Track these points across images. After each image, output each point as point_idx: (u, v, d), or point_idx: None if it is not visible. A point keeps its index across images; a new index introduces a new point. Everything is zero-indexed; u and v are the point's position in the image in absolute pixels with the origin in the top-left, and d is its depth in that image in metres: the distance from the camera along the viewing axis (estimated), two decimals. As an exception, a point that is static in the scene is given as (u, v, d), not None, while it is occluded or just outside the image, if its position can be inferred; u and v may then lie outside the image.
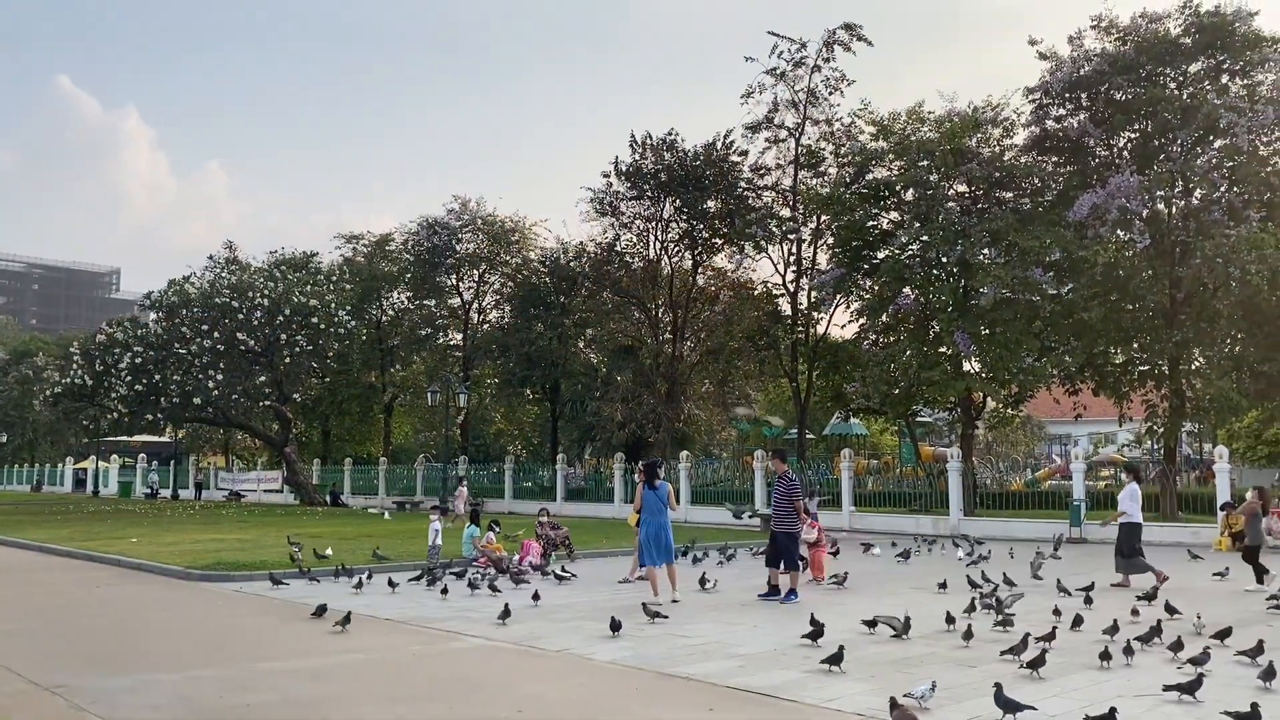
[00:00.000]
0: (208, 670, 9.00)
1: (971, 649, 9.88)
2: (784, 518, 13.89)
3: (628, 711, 7.50)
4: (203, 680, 8.57)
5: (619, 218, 39.19)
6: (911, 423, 37.87)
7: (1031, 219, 29.46)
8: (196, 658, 9.64)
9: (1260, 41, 27.25)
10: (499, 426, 56.24)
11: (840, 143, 36.17)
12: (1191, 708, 7.54)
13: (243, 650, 10.16)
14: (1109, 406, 31.94)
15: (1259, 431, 36.43)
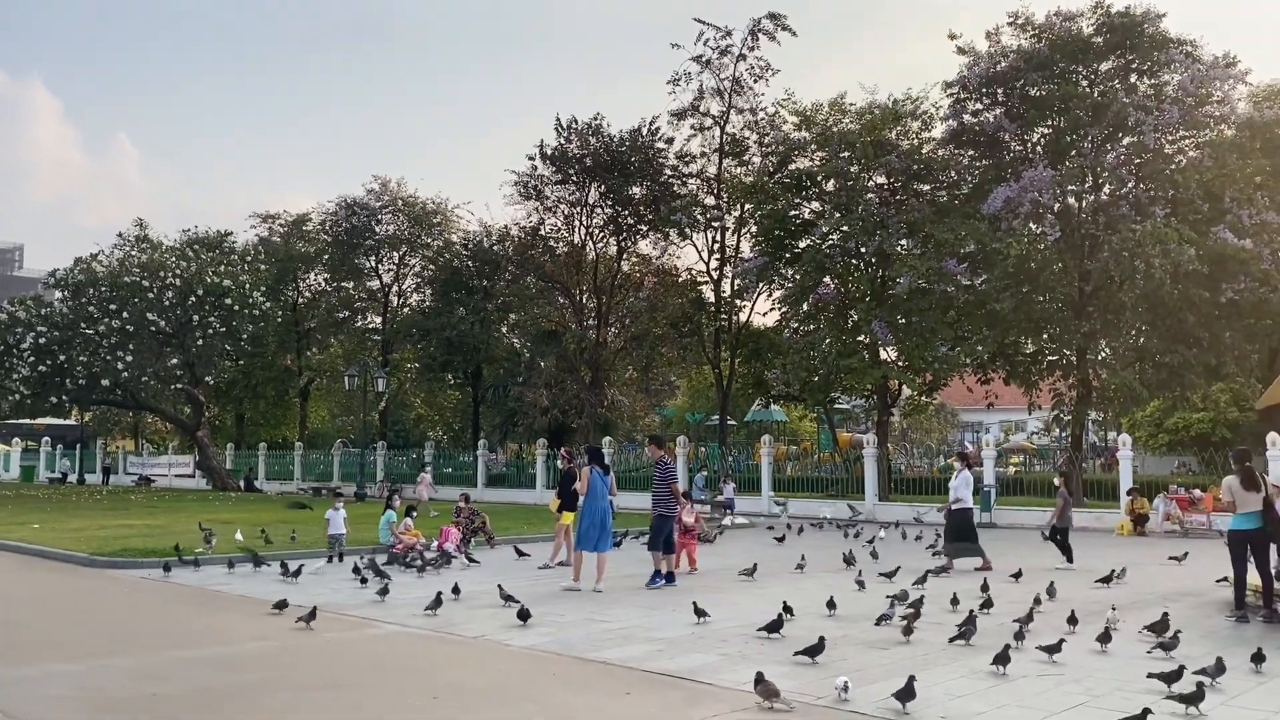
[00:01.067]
0: (113, 659, 8.75)
1: (885, 633, 10.09)
2: (661, 501, 13.96)
3: (544, 696, 7.50)
4: (108, 669, 8.33)
5: (543, 202, 39.00)
6: (830, 409, 38.47)
7: (948, 211, 30.11)
8: (102, 646, 9.36)
9: (1167, 43, 28.17)
10: (419, 412, 55.62)
11: (764, 132, 36.47)
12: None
13: (151, 638, 9.90)
14: (1019, 395, 32.85)
15: (1160, 420, 37.82)
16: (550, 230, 39.67)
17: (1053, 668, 8.34)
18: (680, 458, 32.61)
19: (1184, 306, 27.80)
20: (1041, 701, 7.22)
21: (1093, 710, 6.97)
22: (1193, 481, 26.93)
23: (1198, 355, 28.34)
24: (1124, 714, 6.80)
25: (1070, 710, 6.98)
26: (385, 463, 42.54)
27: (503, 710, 7.09)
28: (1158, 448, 38.49)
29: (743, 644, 9.40)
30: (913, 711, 6.92)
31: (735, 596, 12.71)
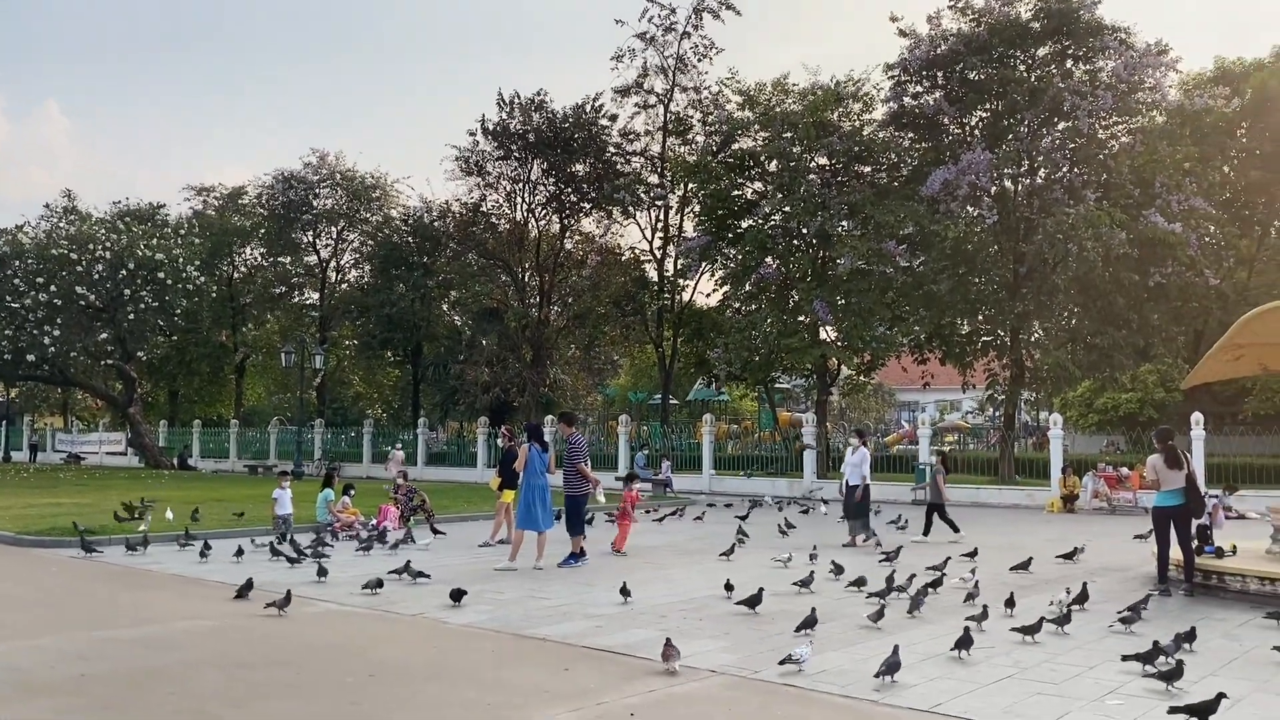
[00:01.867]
0: (41, 639, 8.56)
1: (823, 605, 10.23)
2: (570, 480, 13.84)
3: (482, 673, 7.49)
4: (35, 650, 8.14)
5: (485, 178, 38.65)
6: (770, 389, 38.79)
7: (888, 193, 30.43)
8: (28, 626, 9.15)
9: (1102, 29, 28.67)
10: (358, 389, 54.98)
11: (708, 111, 36.48)
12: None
13: (80, 618, 9.69)
14: (954, 375, 33.42)
15: (1090, 400, 38.74)
16: (492, 206, 39.36)
17: (988, 646, 8.53)
18: (622, 436, 32.70)
19: (1114, 289, 28.47)
20: (972, 674, 7.38)
21: (1022, 680, 7.14)
22: (1120, 460, 27.67)
23: (1127, 337, 29.10)
24: (1053, 683, 7.00)
25: (1003, 680, 7.15)
26: (323, 440, 42.02)
27: (440, 687, 7.07)
28: (1087, 427, 39.43)
29: (681, 619, 9.48)
30: (846, 685, 7.04)
31: (675, 572, 12.80)
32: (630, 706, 6.49)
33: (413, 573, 11.58)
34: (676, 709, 6.50)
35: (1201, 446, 24.23)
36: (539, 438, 13.48)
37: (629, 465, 31.40)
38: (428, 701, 6.67)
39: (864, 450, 16.54)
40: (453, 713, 6.36)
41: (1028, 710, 6.38)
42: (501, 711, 6.37)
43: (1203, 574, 11.30)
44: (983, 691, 6.85)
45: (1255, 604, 10.30)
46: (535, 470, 13.14)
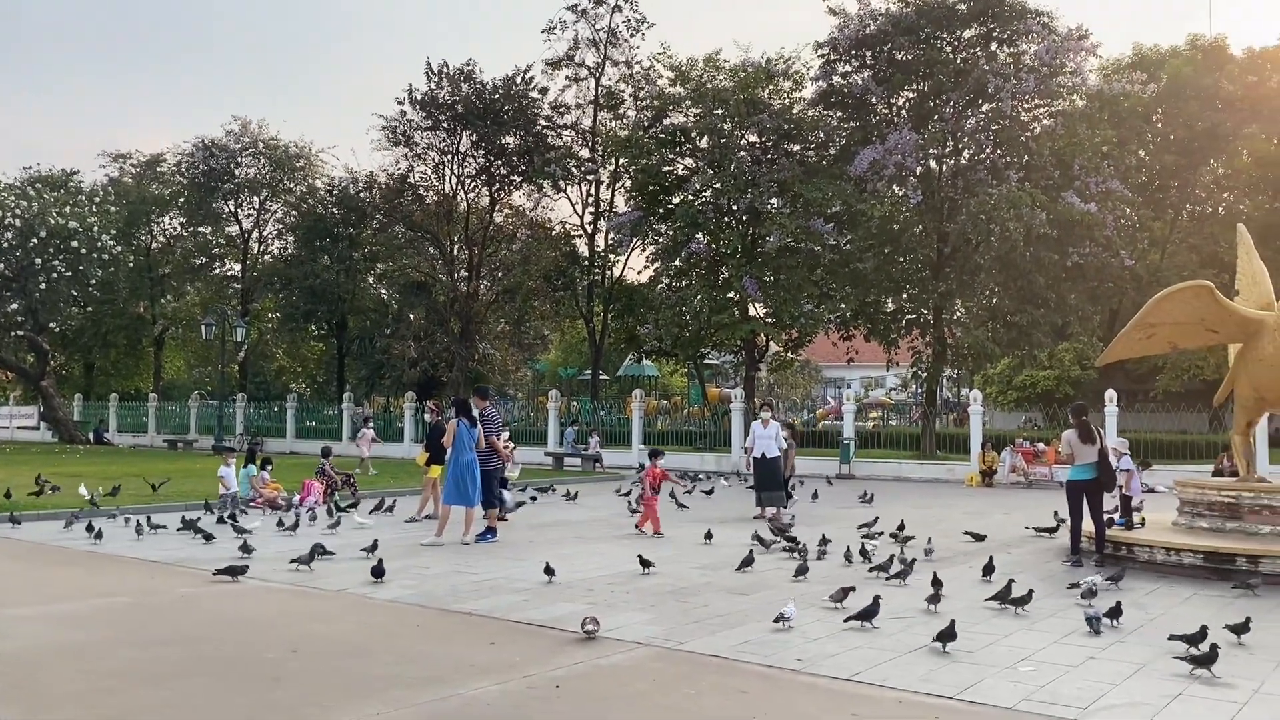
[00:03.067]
0: (-57, 620, 8.27)
1: (749, 578, 10.37)
2: (483, 456, 13.48)
3: (406, 647, 7.45)
4: (-63, 630, 7.87)
5: (413, 148, 38.05)
6: (700, 365, 39.02)
7: (816, 171, 30.71)
8: (-70, 607, 8.83)
9: (1025, 13, 29.21)
10: (281, 363, 53.93)
11: (639, 85, 36.37)
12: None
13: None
14: (879, 352, 33.98)
15: (1009, 378, 39.72)
16: (420, 178, 38.81)
17: (907, 616, 8.73)
18: (552, 412, 32.63)
19: (1034, 269, 29.17)
20: (892, 643, 7.55)
21: (934, 650, 7.33)
22: (1037, 435, 28.45)
23: (1045, 315, 29.87)
24: (968, 651, 7.20)
25: (920, 649, 7.33)
26: (245, 415, 41.20)
27: (363, 661, 7.01)
28: (1006, 404, 40.44)
29: (609, 593, 9.53)
30: (769, 655, 7.15)
31: (603, 546, 12.85)
32: (556, 679, 6.51)
33: (318, 551, 11.34)
34: (602, 680, 6.54)
35: (1115, 423, 25.01)
36: (467, 413, 13.35)
37: (559, 441, 31.37)
38: (350, 676, 6.61)
39: (775, 424, 16.74)
40: (375, 686, 6.31)
41: (943, 678, 6.55)
42: (426, 685, 6.34)
43: (1113, 545, 11.69)
44: (901, 660, 7.01)
45: (1161, 574, 10.70)
46: (464, 445, 13.03)
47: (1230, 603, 9.27)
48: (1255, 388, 12.11)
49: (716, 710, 5.93)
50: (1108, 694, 6.18)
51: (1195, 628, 7.09)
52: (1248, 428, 12.88)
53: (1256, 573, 10.20)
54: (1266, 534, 11.15)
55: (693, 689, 6.34)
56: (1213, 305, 11.83)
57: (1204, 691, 6.27)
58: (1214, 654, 6.53)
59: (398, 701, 6.00)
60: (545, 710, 5.89)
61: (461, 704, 6.00)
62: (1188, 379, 34.05)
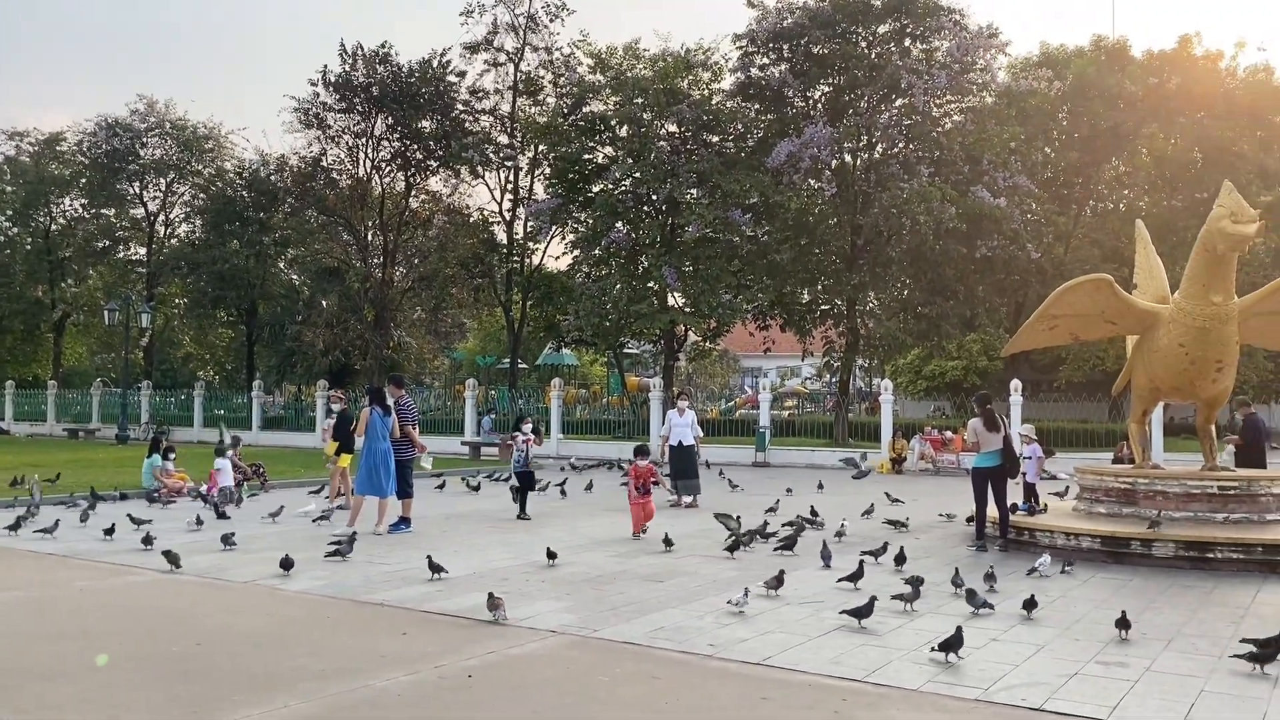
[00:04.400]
0: None
1: (664, 564, 10.45)
2: (398, 445, 13.32)
3: (317, 639, 7.33)
4: None
5: (326, 131, 37.25)
6: (619, 354, 39.07)
7: (734, 163, 30.95)
8: None
9: (939, 10, 29.82)
10: (188, 350, 52.45)
11: (559, 72, 36.17)
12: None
13: None
14: (795, 342, 34.45)
15: (919, 367, 40.61)
16: (333, 161, 38.01)
17: (817, 600, 8.89)
18: (469, 401, 32.36)
19: (944, 261, 29.85)
20: (802, 628, 7.68)
21: (847, 633, 7.49)
22: (945, 424, 29.15)
23: (954, 307, 30.62)
24: (877, 635, 7.37)
25: (831, 633, 7.47)
26: (151, 403, 39.98)
27: (271, 653, 6.88)
28: (916, 393, 41.35)
29: (523, 582, 9.51)
30: (683, 641, 7.22)
31: (519, 536, 12.81)
32: (469, 669, 6.48)
33: (225, 541, 11.14)
34: (515, 669, 6.53)
35: (1019, 412, 25.78)
36: (381, 401, 13.17)
37: (475, 430, 31.13)
38: (258, 668, 6.48)
39: (691, 413, 16.88)
40: (284, 678, 6.20)
41: (852, 661, 6.69)
42: (336, 677, 6.25)
43: (1016, 530, 12.07)
44: (812, 644, 7.14)
45: (1061, 557, 11.07)
46: (376, 434, 12.84)
47: (1125, 583, 9.64)
48: (1151, 378, 12.59)
49: (629, 697, 5.96)
50: (1009, 674, 6.39)
51: (1091, 610, 7.36)
52: (1144, 416, 13.40)
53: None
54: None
55: (606, 676, 6.37)
56: (1112, 298, 12.27)
57: (1099, 670, 6.51)
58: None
59: (306, 693, 5.91)
60: (457, 700, 5.86)
61: (372, 695, 5.94)
62: (1089, 369, 35.21)
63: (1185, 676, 6.38)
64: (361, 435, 13.00)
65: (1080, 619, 7.99)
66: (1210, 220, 11.52)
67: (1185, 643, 7.29)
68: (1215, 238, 11.39)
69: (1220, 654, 6.94)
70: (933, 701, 5.87)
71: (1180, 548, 10.61)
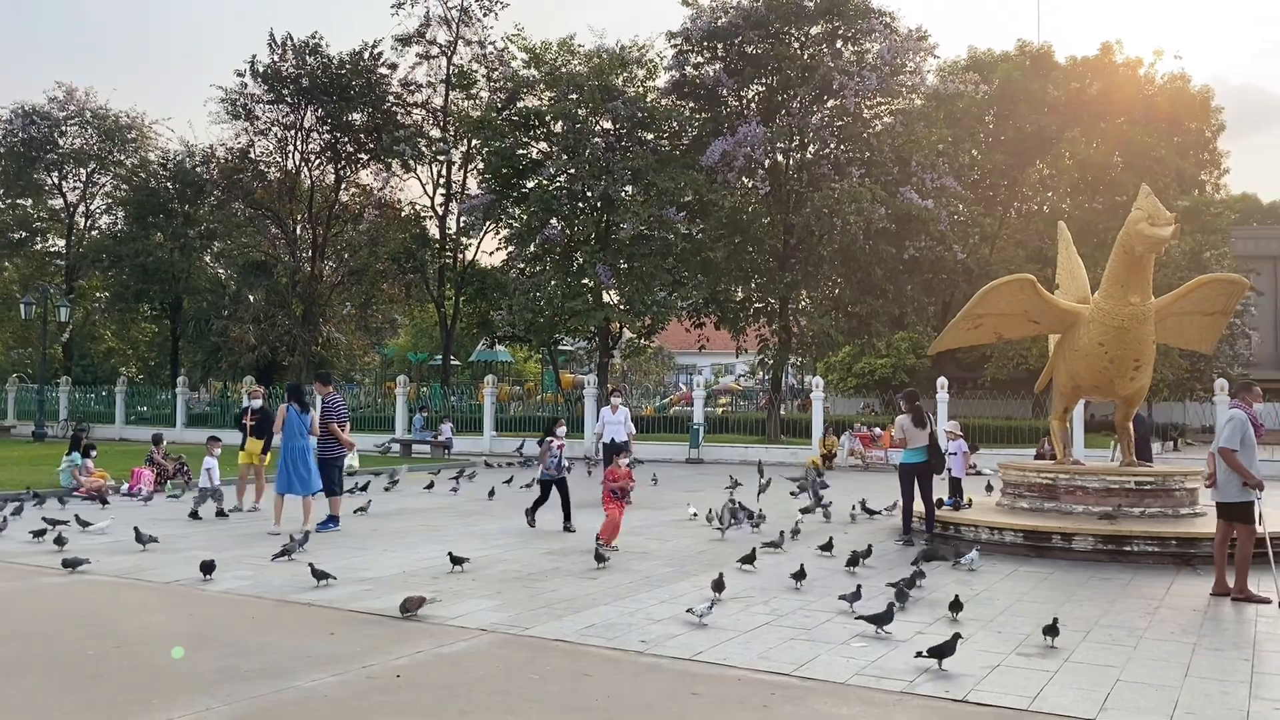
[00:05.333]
0: None
1: (594, 563, 10.44)
2: (323, 442, 13.21)
3: (240, 639, 7.18)
4: None
5: (254, 123, 36.50)
6: (554, 351, 38.94)
7: (669, 161, 31.04)
8: None
9: (869, 12, 30.23)
10: (110, 345, 51.00)
11: (493, 66, 35.92)
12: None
13: None
14: (729, 340, 34.66)
15: (850, 365, 41.20)
16: (261, 154, 37.26)
17: (747, 596, 8.96)
18: (400, 398, 31.99)
19: (874, 261, 30.29)
20: (732, 623, 7.74)
21: (776, 628, 7.56)
22: (875, 420, 29.60)
23: (884, 306, 31.10)
24: (805, 629, 7.45)
25: (760, 628, 7.54)
26: (70, 400, 38.82)
27: (193, 655, 6.72)
28: (847, 390, 41.93)
29: (454, 580, 9.43)
30: (615, 638, 7.23)
31: (452, 534, 12.70)
32: (397, 668, 6.41)
33: (140, 539, 10.88)
34: (444, 668, 6.47)
35: (946, 408, 26.27)
36: (299, 398, 12.97)
37: (407, 428, 30.79)
38: (179, 670, 6.33)
39: (625, 409, 16.92)
40: (206, 680, 6.06)
41: (780, 655, 6.76)
42: (260, 678, 6.13)
43: (941, 525, 12.30)
44: (741, 639, 7.20)
45: (986, 551, 11.30)
46: (294, 432, 12.68)
47: (1046, 576, 9.89)
48: (1072, 376, 12.93)
49: (560, 694, 5.95)
50: (933, 666, 6.50)
51: (1013, 603, 7.51)
52: (1065, 413, 13.74)
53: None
54: (1080, 513, 11.94)
55: (537, 674, 6.35)
56: (1034, 298, 12.58)
57: (1021, 661, 6.67)
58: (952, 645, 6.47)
59: (230, 695, 5.79)
60: (385, 700, 5.79)
61: (298, 696, 5.84)
62: (1013, 368, 36.03)
63: (1103, 666, 6.57)
64: (279, 433, 12.82)
65: (1003, 611, 8.18)
66: (1128, 223, 11.86)
67: (1103, 633, 7.51)
68: (1133, 240, 11.73)
69: (1136, 644, 7.15)
70: (860, 694, 5.96)
71: (1099, 541, 10.91)
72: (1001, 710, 5.68)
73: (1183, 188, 37.08)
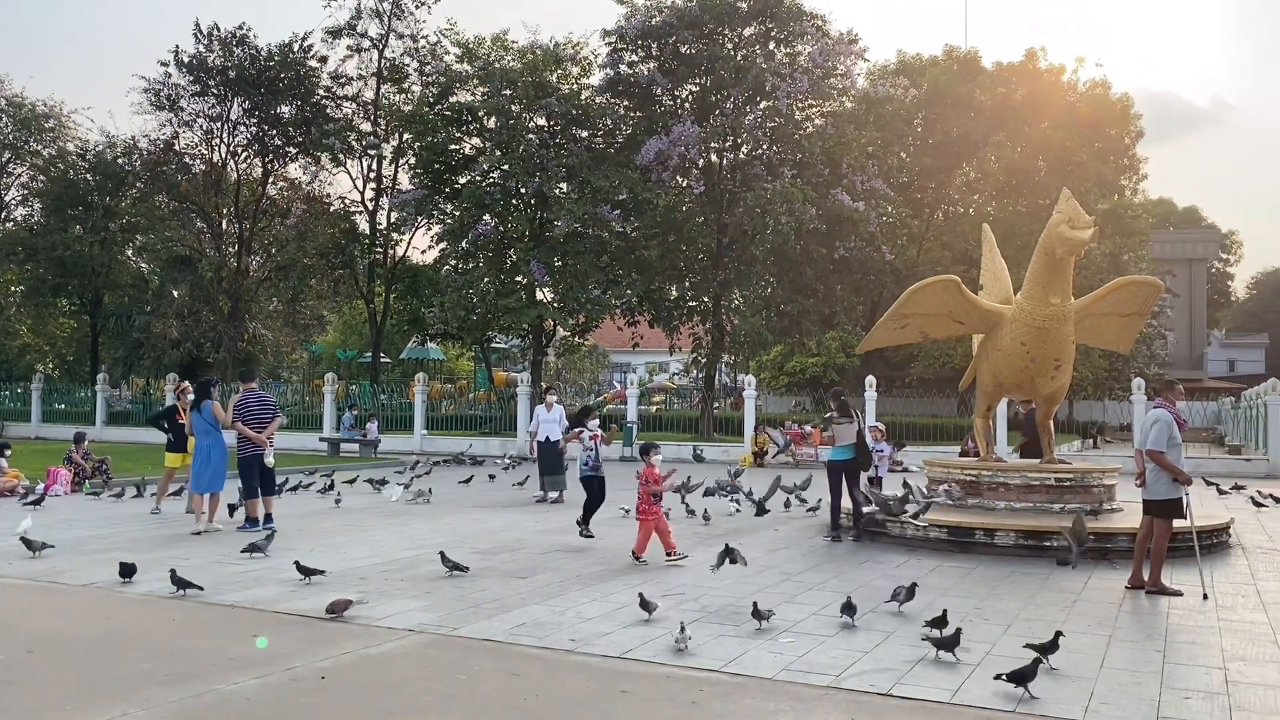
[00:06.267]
0: None
1: (525, 562, 10.40)
2: (242, 441, 12.92)
3: (161, 642, 7.01)
4: None
5: (179, 114, 35.62)
6: (487, 348, 38.66)
7: (604, 159, 31.02)
8: None
9: (802, 15, 30.55)
10: (25, 340, 49.34)
11: (425, 60, 35.55)
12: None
13: None
14: (663, 338, 34.77)
15: (781, 364, 41.57)
16: (186, 146, 36.36)
17: (678, 593, 9.00)
18: (328, 395, 31.50)
19: (805, 261, 30.62)
20: (663, 619, 7.77)
21: (703, 624, 7.61)
22: (805, 418, 29.93)
23: (814, 305, 31.47)
24: (732, 625, 7.51)
25: (693, 623, 7.58)
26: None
27: (109, 659, 6.55)
28: (778, 388, 42.33)
29: (382, 580, 9.32)
30: (544, 637, 7.21)
31: (379, 535, 12.55)
32: (322, 670, 6.32)
33: (30, 545, 10.49)
34: (370, 669, 6.39)
35: (874, 407, 26.67)
36: (206, 396, 12.78)
37: (335, 426, 30.34)
38: (95, 675, 6.16)
39: (559, 408, 16.91)
40: (124, 685, 5.91)
41: (710, 653, 6.80)
42: (180, 682, 5.99)
43: (869, 521, 12.47)
44: (670, 637, 7.22)
45: (911, 547, 11.51)
46: (203, 430, 12.59)
47: (969, 571, 10.09)
48: (995, 375, 13.22)
49: (489, 693, 5.92)
50: (858, 661, 6.61)
51: (936, 598, 7.65)
52: (988, 412, 14.06)
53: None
54: (1002, 509, 12.22)
55: (465, 674, 6.30)
56: (959, 298, 12.84)
57: (943, 655, 6.79)
58: (956, 638, 6.69)
59: (148, 700, 5.65)
60: (309, 702, 5.71)
61: (219, 699, 5.72)
62: (939, 366, 36.71)
63: (1022, 660, 6.73)
64: (192, 434, 12.82)
65: (928, 606, 8.33)
66: (1050, 226, 12.17)
67: (1023, 626, 7.69)
68: (1054, 242, 12.03)
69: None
70: (786, 690, 6.02)
71: (1020, 536, 11.17)
72: (923, 704, 5.78)
73: (1103, 191, 38.13)
